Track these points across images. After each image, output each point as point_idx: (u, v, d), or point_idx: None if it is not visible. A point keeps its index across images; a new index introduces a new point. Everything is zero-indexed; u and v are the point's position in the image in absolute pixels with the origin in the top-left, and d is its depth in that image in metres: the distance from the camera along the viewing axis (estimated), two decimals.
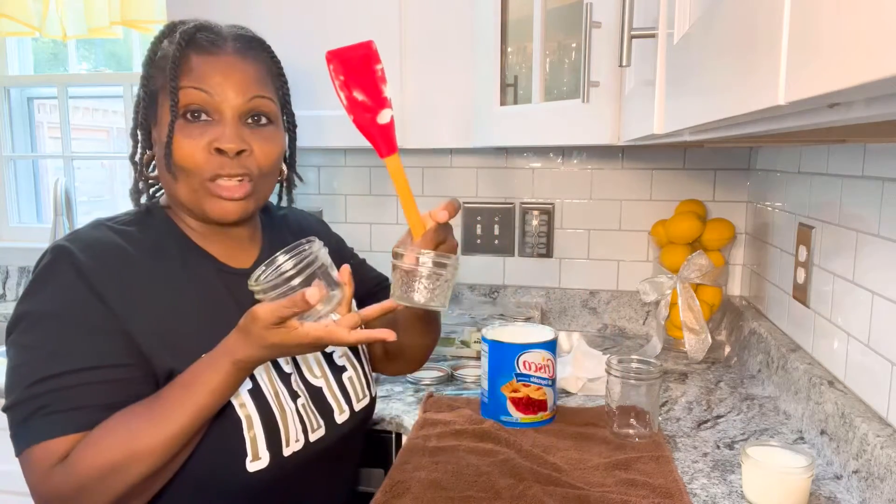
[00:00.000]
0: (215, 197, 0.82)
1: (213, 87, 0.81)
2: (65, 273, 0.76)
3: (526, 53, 1.38)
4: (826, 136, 0.76)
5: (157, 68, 0.83)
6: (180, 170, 0.82)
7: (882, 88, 0.25)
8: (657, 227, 1.63)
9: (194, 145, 0.80)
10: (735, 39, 0.42)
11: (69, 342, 0.74)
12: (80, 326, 0.75)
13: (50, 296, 0.76)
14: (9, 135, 2.17)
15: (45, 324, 0.75)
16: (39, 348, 0.74)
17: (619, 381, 1.08)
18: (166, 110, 0.81)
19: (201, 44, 0.83)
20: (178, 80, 0.80)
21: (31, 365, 0.74)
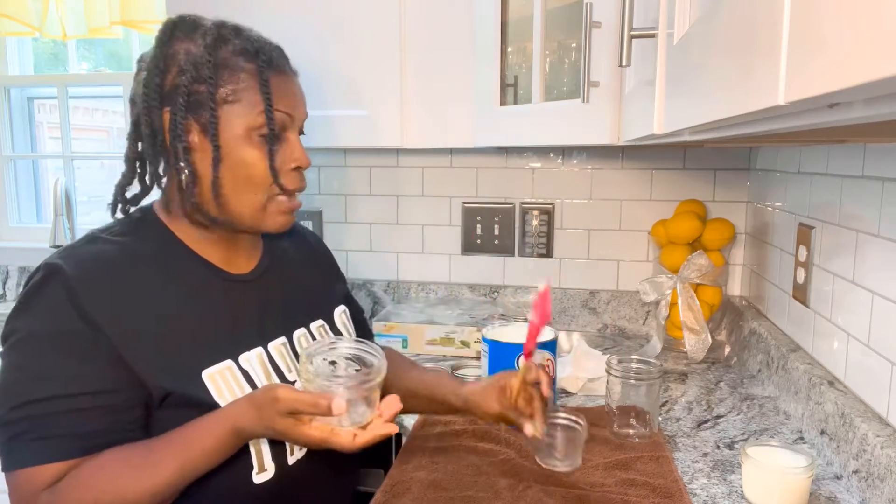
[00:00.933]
0: (280, 212, 0.86)
1: (292, 110, 0.85)
2: (55, 294, 0.75)
3: (526, 53, 1.38)
4: (826, 136, 0.76)
5: (229, 80, 0.80)
6: (249, 185, 0.82)
7: (882, 88, 0.25)
8: (657, 227, 1.63)
9: (273, 163, 0.82)
10: (735, 39, 0.42)
11: (54, 366, 0.73)
12: (66, 350, 0.74)
13: (39, 316, 0.75)
14: (9, 135, 2.17)
15: (32, 344, 0.74)
16: (25, 369, 0.74)
17: (619, 381, 1.08)
18: (233, 123, 0.80)
19: (277, 64, 0.84)
20: (272, 104, 0.81)
21: (15, 386, 0.74)
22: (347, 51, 1.45)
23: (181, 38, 0.81)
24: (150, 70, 0.81)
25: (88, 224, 2.17)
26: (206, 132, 0.81)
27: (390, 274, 1.86)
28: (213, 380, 0.80)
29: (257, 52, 0.82)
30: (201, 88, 0.80)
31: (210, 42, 0.80)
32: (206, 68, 0.79)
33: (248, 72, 0.81)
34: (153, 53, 0.82)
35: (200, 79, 0.80)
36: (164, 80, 0.80)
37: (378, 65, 1.45)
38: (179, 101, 0.79)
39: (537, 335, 0.90)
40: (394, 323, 1.55)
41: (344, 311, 1.05)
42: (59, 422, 0.73)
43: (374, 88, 1.45)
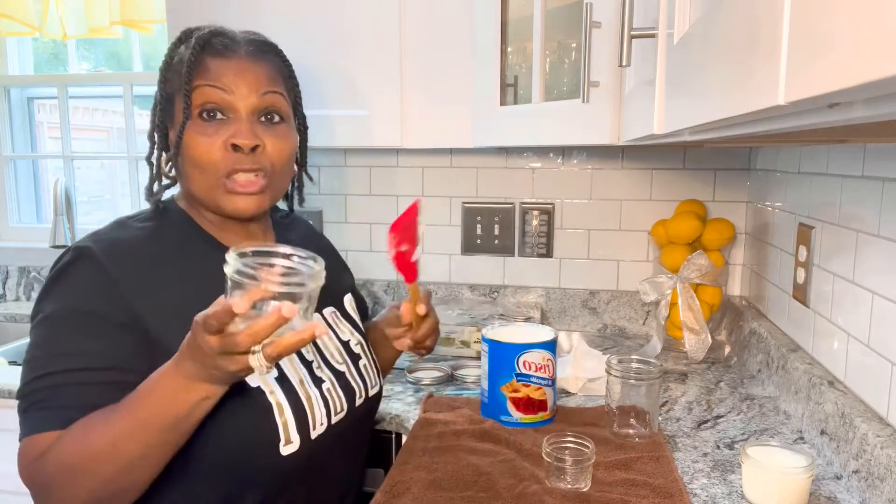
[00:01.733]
0: (231, 193, 0.85)
1: (227, 85, 0.85)
2: (84, 272, 0.79)
3: (526, 53, 1.38)
4: (826, 136, 0.76)
5: (174, 72, 0.87)
6: (196, 167, 0.85)
7: (882, 88, 0.25)
8: (657, 227, 1.63)
9: (210, 143, 0.83)
10: (735, 39, 0.42)
11: (74, 342, 0.76)
12: (87, 327, 0.77)
13: (65, 294, 0.78)
14: (9, 135, 2.17)
15: (55, 321, 0.77)
16: (46, 345, 0.77)
17: (619, 381, 1.08)
18: (178, 111, 0.86)
19: (216, 47, 0.86)
20: (192, 81, 0.84)
21: (36, 360, 0.77)
22: (347, 51, 1.45)
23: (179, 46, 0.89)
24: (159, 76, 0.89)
25: (88, 224, 2.17)
26: (171, 124, 0.88)
27: (390, 274, 1.86)
28: None
29: (208, 40, 0.86)
30: (166, 85, 0.88)
31: (175, 43, 0.88)
32: (167, 68, 0.88)
33: (190, 61, 0.84)
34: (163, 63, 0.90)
35: (164, 77, 0.88)
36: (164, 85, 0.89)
37: (378, 65, 1.45)
38: (162, 100, 0.88)
39: (408, 258, 0.94)
40: None
41: (351, 300, 1.08)
42: (65, 393, 0.75)
43: (374, 88, 1.45)
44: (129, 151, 2.08)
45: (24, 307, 2.08)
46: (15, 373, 1.49)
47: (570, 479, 0.91)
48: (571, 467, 0.90)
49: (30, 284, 2.14)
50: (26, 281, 2.14)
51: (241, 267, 0.66)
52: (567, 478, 0.91)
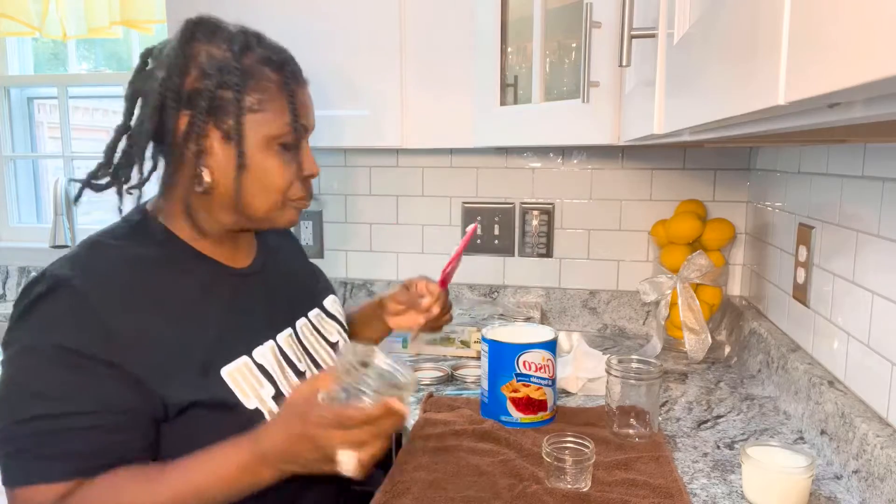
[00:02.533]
0: (293, 210, 0.88)
1: (307, 120, 0.87)
2: (60, 307, 0.73)
3: (526, 53, 1.38)
4: (826, 136, 0.76)
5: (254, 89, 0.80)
6: (265, 191, 0.83)
7: (882, 88, 0.25)
8: (657, 227, 1.63)
9: (287, 172, 0.84)
10: (735, 39, 0.42)
11: (58, 382, 0.71)
12: (68, 366, 0.71)
13: (42, 329, 0.72)
14: (9, 135, 2.17)
15: (32, 358, 0.72)
16: (25, 385, 0.72)
17: (619, 381, 1.08)
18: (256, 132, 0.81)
19: (299, 77, 0.85)
20: (298, 118, 0.83)
21: (14, 400, 0.72)
22: (348, 51, 1.45)
23: (202, 41, 0.80)
24: (168, 70, 0.78)
25: (88, 224, 2.17)
26: (227, 139, 0.80)
27: (390, 274, 1.86)
28: (233, 377, 0.80)
29: (282, 63, 0.83)
30: (227, 95, 0.79)
31: (237, 49, 0.80)
32: (234, 75, 0.78)
33: (275, 82, 0.82)
34: (172, 53, 0.79)
35: (226, 84, 0.78)
36: (184, 82, 0.79)
37: (378, 65, 1.45)
38: (202, 105, 0.78)
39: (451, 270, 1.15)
40: None
41: (335, 300, 1.08)
42: (56, 440, 0.71)
43: (375, 88, 1.45)
44: None
45: None
46: None
47: (570, 479, 0.91)
48: (571, 467, 0.90)
49: None
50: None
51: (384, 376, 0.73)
52: (567, 478, 0.91)
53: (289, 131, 0.83)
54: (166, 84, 0.78)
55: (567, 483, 0.91)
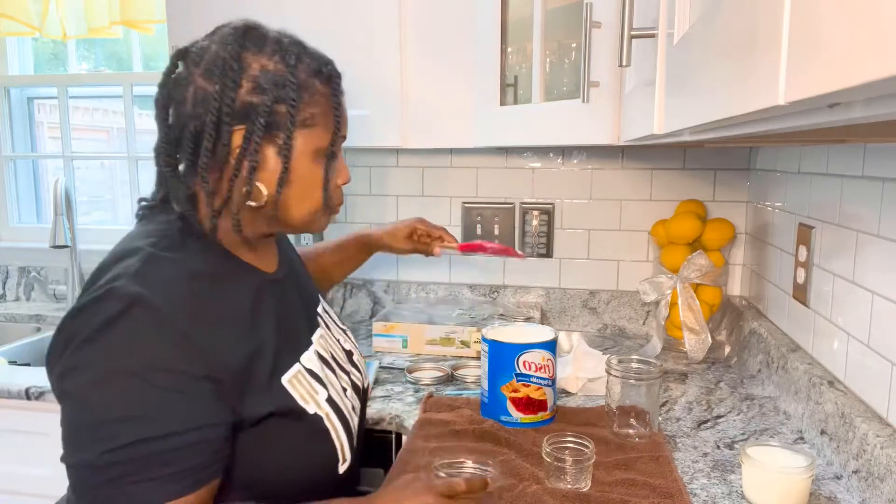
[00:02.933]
0: (327, 217, 0.89)
1: (347, 131, 0.88)
2: (143, 325, 0.70)
3: (526, 53, 1.38)
4: (826, 136, 0.76)
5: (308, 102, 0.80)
6: (308, 199, 0.84)
7: (882, 88, 0.25)
8: (657, 227, 1.63)
9: (331, 181, 0.86)
10: (735, 39, 0.42)
11: (153, 404, 0.69)
12: (165, 386, 0.69)
13: (126, 351, 0.69)
14: (9, 135, 2.17)
15: (120, 382, 0.68)
16: (115, 410, 0.68)
17: (619, 381, 1.08)
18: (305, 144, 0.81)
19: (340, 86, 0.86)
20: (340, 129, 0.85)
21: (106, 428, 0.68)
22: (347, 50, 1.44)
23: (253, 51, 0.78)
24: (223, 83, 0.76)
25: (88, 224, 2.17)
26: (279, 153, 0.79)
27: (390, 274, 1.86)
28: (292, 385, 0.81)
29: (330, 75, 0.83)
30: (281, 109, 0.78)
31: (292, 61, 0.79)
32: (290, 89, 0.77)
33: (325, 96, 0.82)
34: (221, 63, 0.76)
35: (281, 99, 0.77)
36: (240, 95, 0.76)
37: (378, 65, 1.45)
38: (260, 120, 0.76)
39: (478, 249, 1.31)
40: (394, 323, 1.55)
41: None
42: (166, 460, 0.69)
43: (375, 88, 1.45)
44: (129, 151, 2.08)
45: (24, 307, 2.08)
46: (15, 373, 1.49)
47: (570, 479, 0.91)
48: (571, 467, 0.90)
49: (30, 284, 2.14)
50: (26, 281, 2.14)
51: None
52: (567, 478, 0.91)
53: (334, 143, 0.84)
54: (222, 99, 0.76)
55: (567, 483, 0.91)
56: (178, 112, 0.79)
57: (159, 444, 0.68)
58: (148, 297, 0.70)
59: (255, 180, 0.79)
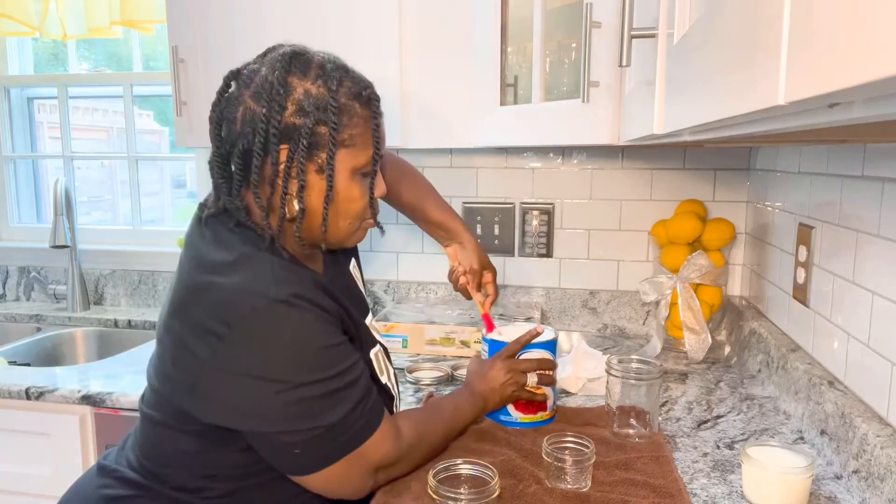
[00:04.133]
0: (363, 231, 0.95)
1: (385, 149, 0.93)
2: (307, 315, 0.82)
3: (526, 53, 1.38)
4: (826, 136, 0.76)
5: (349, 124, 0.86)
6: (347, 216, 0.90)
7: (882, 88, 0.25)
8: (657, 227, 1.63)
9: (365, 197, 0.91)
10: (735, 39, 0.42)
11: (347, 356, 0.86)
12: (342, 343, 0.86)
13: (315, 331, 0.83)
14: (9, 135, 2.17)
15: (325, 352, 0.83)
16: (338, 369, 0.83)
17: (619, 381, 1.08)
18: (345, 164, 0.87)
19: (379, 108, 0.90)
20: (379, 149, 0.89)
21: (343, 382, 0.83)
22: (347, 50, 1.44)
23: (298, 76, 0.84)
24: (270, 105, 0.82)
25: (88, 224, 2.18)
26: (320, 171, 0.86)
27: (390, 274, 1.86)
28: (375, 359, 0.99)
29: (370, 99, 0.88)
30: (322, 130, 0.84)
31: (333, 86, 0.84)
32: (331, 112, 0.83)
33: (364, 118, 0.87)
34: (269, 87, 0.83)
35: (322, 121, 0.83)
36: (285, 117, 0.83)
37: (378, 64, 1.45)
38: (303, 141, 0.83)
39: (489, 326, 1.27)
40: (394, 323, 1.55)
41: (354, 265, 1.13)
42: (371, 386, 0.88)
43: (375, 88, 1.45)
44: (129, 151, 2.08)
45: (24, 307, 2.08)
46: (15, 373, 1.49)
47: (570, 479, 0.91)
48: (571, 467, 0.90)
49: (30, 284, 2.14)
50: (26, 281, 2.14)
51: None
52: (567, 478, 0.91)
53: (372, 162, 0.89)
54: (269, 120, 0.82)
55: (567, 483, 0.91)
56: (229, 130, 0.86)
57: (365, 376, 0.88)
58: (300, 293, 0.82)
59: (297, 197, 0.86)
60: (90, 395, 1.36)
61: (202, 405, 0.83)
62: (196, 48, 1.50)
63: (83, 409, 1.39)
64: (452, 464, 0.88)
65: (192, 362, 0.81)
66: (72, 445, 1.39)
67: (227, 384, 0.80)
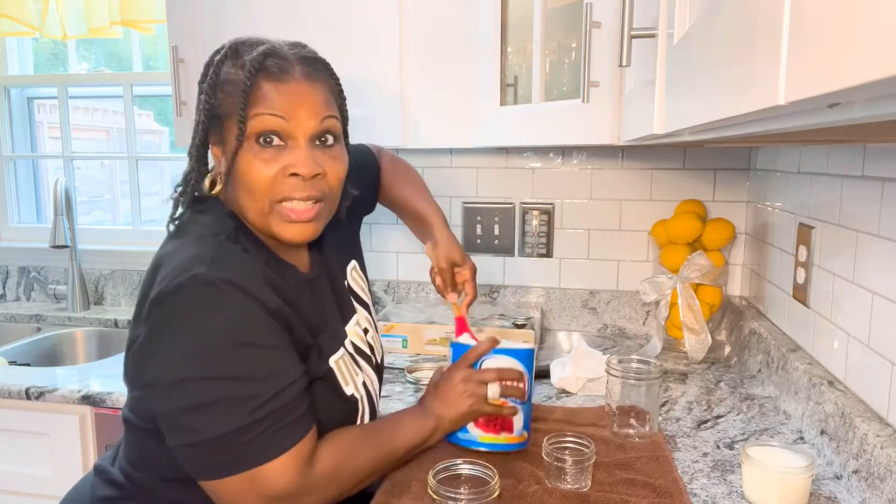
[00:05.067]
0: (285, 220, 0.85)
1: (286, 112, 0.82)
2: (238, 300, 0.76)
3: (526, 53, 1.38)
4: (826, 136, 0.76)
5: (224, 92, 0.84)
6: (249, 193, 0.83)
7: (882, 88, 0.25)
8: (657, 227, 1.63)
9: (268, 170, 0.82)
10: (735, 39, 0.42)
11: (279, 360, 0.79)
12: (277, 346, 0.79)
13: (236, 325, 0.76)
14: (9, 135, 2.17)
15: (241, 351, 0.76)
16: (247, 376, 0.76)
17: (619, 381, 1.08)
18: (232, 133, 0.83)
19: (271, 70, 0.82)
20: (248, 108, 0.81)
21: (253, 387, 0.76)
22: (347, 50, 1.45)
23: (227, 63, 0.85)
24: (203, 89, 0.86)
25: (88, 224, 2.18)
26: (219, 145, 0.86)
27: (390, 274, 1.86)
28: (338, 366, 0.91)
29: (255, 62, 0.81)
30: (213, 103, 0.85)
31: (220, 59, 0.84)
32: (214, 87, 0.84)
33: (246, 84, 0.81)
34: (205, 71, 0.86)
35: (214, 95, 0.84)
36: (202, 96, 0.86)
37: (378, 64, 1.45)
38: (202, 115, 0.85)
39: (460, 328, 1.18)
40: (394, 323, 1.55)
41: (355, 266, 1.10)
42: (294, 406, 0.79)
43: (374, 88, 1.45)
44: (129, 151, 2.08)
45: (24, 307, 2.08)
46: (15, 373, 1.49)
47: (570, 479, 0.91)
48: (571, 467, 0.90)
49: (30, 284, 2.14)
50: (26, 281, 2.14)
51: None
52: (567, 478, 0.91)
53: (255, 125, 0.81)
54: (202, 107, 0.85)
55: (567, 483, 0.91)
56: None
57: (290, 392, 0.78)
58: (233, 279, 0.76)
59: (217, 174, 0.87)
60: (90, 395, 1.36)
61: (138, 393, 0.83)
62: (196, 48, 1.50)
63: (83, 409, 1.39)
64: (452, 464, 0.88)
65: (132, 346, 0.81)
66: (72, 445, 1.39)
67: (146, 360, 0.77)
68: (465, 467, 0.88)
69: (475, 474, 0.87)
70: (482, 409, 0.97)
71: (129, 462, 0.90)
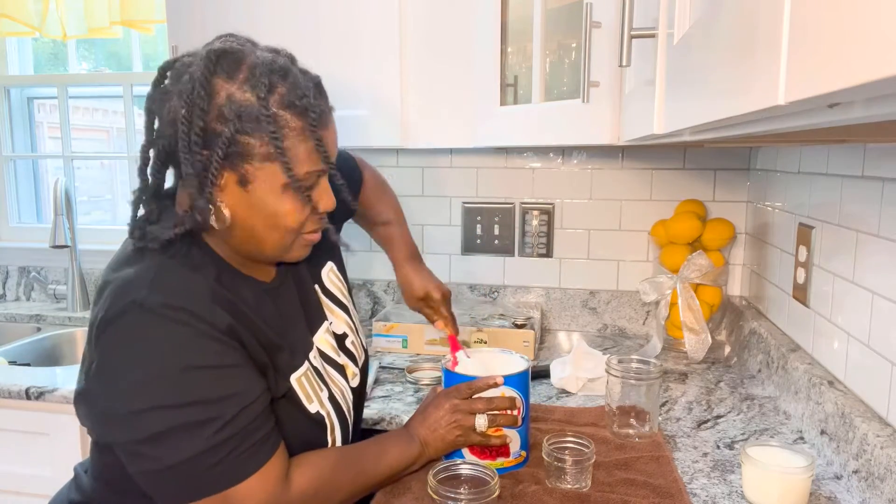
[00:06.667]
0: (304, 246, 0.86)
1: (331, 157, 0.82)
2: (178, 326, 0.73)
3: (526, 53, 1.38)
4: (826, 136, 0.76)
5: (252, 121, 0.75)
6: (275, 230, 0.81)
7: (882, 88, 0.25)
8: (657, 227, 1.63)
9: (304, 212, 0.81)
10: (735, 39, 0.42)
11: (238, 380, 0.76)
12: (236, 364, 0.76)
13: (184, 349, 0.73)
14: (9, 135, 2.17)
15: (190, 375, 0.73)
16: (200, 399, 0.73)
17: (619, 381, 1.08)
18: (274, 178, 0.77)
19: (312, 117, 0.78)
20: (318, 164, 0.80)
21: (203, 416, 0.72)
22: (347, 50, 1.45)
23: (224, 78, 0.76)
24: (189, 108, 0.74)
25: (88, 224, 2.17)
26: (242, 183, 0.78)
27: (390, 274, 1.86)
28: (300, 384, 0.86)
29: (305, 108, 0.77)
30: (244, 140, 0.75)
31: (262, 93, 0.75)
32: (253, 122, 0.75)
33: (297, 129, 0.77)
34: (191, 86, 0.74)
35: (244, 131, 0.75)
36: (207, 122, 0.75)
37: (378, 64, 1.45)
38: (218, 151, 0.75)
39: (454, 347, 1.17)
40: (394, 323, 1.55)
41: (332, 268, 1.05)
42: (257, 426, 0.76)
43: (375, 88, 1.45)
44: (129, 151, 2.08)
45: (24, 307, 2.08)
46: (15, 373, 1.49)
47: (570, 479, 0.91)
48: (571, 467, 0.90)
49: (30, 284, 2.14)
50: (26, 281, 2.14)
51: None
52: (567, 478, 0.91)
53: (307, 177, 0.80)
54: (189, 123, 0.74)
55: (567, 483, 0.91)
56: (158, 127, 0.79)
57: (251, 411, 0.75)
58: (174, 303, 0.73)
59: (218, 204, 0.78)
60: None
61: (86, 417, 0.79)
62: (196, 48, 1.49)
63: None
64: (452, 464, 0.88)
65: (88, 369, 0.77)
66: (72, 445, 1.39)
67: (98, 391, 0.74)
68: (465, 467, 0.88)
69: (475, 474, 0.87)
70: (469, 440, 0.94)
71: (93, 475, 0.88)
